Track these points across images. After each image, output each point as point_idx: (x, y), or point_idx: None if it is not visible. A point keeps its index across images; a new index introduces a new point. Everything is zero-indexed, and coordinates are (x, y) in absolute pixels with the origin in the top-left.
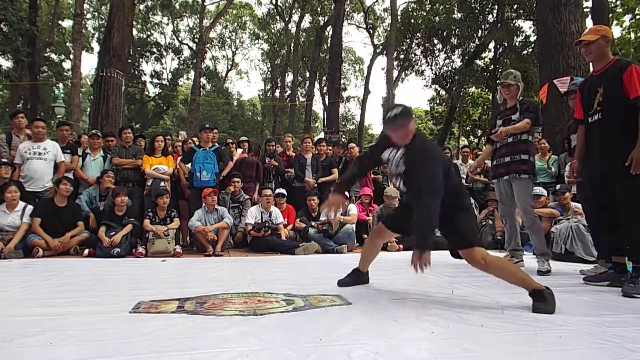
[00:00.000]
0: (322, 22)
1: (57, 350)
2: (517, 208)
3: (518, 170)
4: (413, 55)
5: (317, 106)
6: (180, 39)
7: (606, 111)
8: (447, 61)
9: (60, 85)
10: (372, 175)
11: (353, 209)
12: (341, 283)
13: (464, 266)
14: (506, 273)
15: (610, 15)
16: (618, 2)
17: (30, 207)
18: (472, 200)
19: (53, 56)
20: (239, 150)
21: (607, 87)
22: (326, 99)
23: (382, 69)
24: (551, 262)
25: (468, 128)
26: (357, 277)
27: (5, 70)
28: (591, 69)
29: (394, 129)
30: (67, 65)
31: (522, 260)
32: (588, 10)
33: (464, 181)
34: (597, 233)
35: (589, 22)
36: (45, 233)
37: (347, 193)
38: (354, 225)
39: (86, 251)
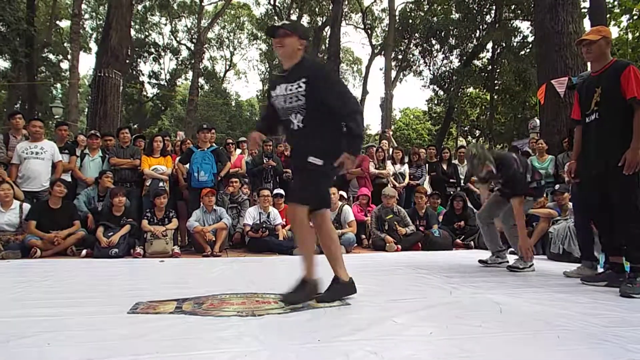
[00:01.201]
0: (320, 23)
1: (55, 351)
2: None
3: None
4: (411, 55)
5: None
6: (178, 39)
7: (603, 111)
8: (445, 61)
9: (58, 85)
10: (373, 170)
11: (350, 214)
12: (288, 299)
13: (462, 267)
14: (329, 246)
15: (608, 15)
16: (616, 3)
17: (27, 205)
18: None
19: (51, 56)
20: (238, 151)
21: (604, 87)
22: None
23: (380, 69)
24: (549, 263)
25: (466, 128)
26: (304, 289)
27: (3, 71)
28: (589, 69)
29: (277, 41)
30: (65, 65)
31: (507, 261)
32: (585, 10)
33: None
34: (584, 233)
35: (586, 23)
36: (40, 232)
37: (344, 193)
38: (353, 234)
39: (84, 252)
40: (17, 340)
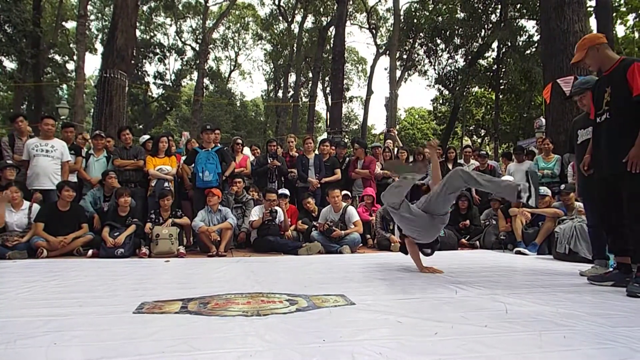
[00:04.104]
0: (324, 23)
1: (61, 350)
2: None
3: None
4: (416, 55)
5: (320, 106)
6: (183, 39)
7: (613, 111)
8: (450, 61)
9: (64, 86)
10: (379, 171)
11: (355, 215)
12: None
13: (467, 266)
14: None
15: (614, 14)
16: (622, 1)
17: (36, 206)
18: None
19: (57, 57)
20: (246, 150)
21: (613, 86)
22: (329, 99)
23: (385, 69)
24: (555, 263)
25: (471, 128)
26: None
27: (10, 72)
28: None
29: None
30: (70, 66)
31: None
32: (592, 9)
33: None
34: (595, 232)
35: (592, 22)
36: (47, 234)
37: (348, 193)
38: (359, 234)
39: (90, 252)
40: (24, 340)
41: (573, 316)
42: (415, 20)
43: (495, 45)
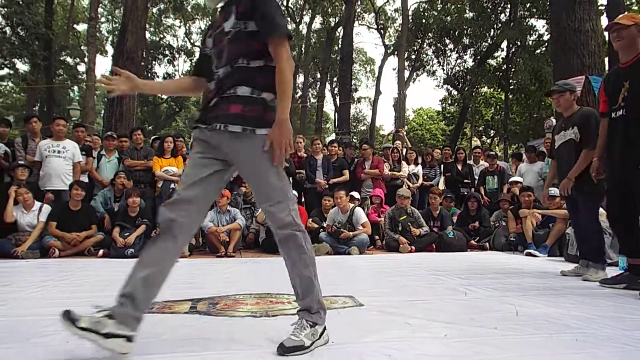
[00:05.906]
0: (332, 23)
1: (73, 349)
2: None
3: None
4: (424, 55)
5: (328, 107)
6: (192, 41)
7: (631, 108)
8: (459, 61)
9: (76, 88)
10: (387, 172)
11: (362, 216)
12: None
13: (477, 268)
14: None
15: (626, 12)
16: (634, 0)
17: (46, 207)
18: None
19: (68, 59)
20: None
21: (633, 82)
22: (337, 100)
23: (393, 69)
24: (567, 265)
25: (480, 128)
26: None
27: (22, 74)
28: (606, 67)
29: None
30: (82, 68)
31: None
32: (603, 8)
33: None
34: (599, 234)
35: (604, 20)
36: (60, 232)
37: (356, 194)
38: (367, 235)
39: (101, 252)
40: (37, 338)
41: (585, 319)
42: (423, 20)
43: (504, 44)
